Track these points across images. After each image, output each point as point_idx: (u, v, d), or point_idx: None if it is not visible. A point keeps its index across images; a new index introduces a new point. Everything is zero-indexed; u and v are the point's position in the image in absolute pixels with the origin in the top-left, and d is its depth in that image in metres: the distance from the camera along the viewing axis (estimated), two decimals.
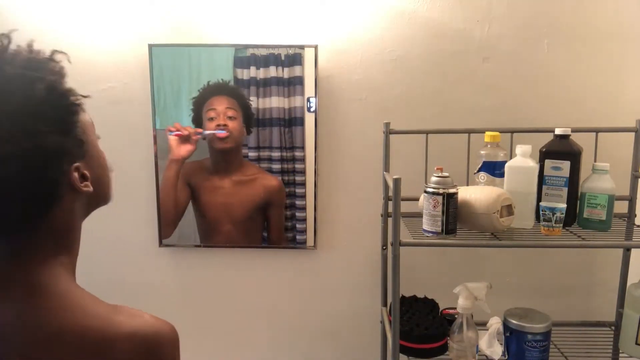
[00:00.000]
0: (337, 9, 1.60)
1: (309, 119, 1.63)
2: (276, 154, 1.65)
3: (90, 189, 0.67)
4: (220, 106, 1.63)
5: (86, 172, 0.67)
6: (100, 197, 0.72)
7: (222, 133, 1.63)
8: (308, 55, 1.60)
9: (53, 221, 0.65)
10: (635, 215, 1.50)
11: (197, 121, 1.64)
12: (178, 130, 1.63)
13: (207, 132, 1.63)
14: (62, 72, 0.64)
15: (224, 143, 1.64)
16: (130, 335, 0.62)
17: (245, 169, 1.67)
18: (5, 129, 0.56)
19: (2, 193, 0.58)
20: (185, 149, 1.65)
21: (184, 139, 1.64)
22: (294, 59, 1.60)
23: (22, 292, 0.62)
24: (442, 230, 1.24)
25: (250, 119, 1.63)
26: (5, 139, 0.56)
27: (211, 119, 1.63)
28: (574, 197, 1.34)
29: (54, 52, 0.64)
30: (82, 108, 0.66)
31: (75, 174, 0.65)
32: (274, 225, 1.70)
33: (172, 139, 1.64)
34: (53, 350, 0.60)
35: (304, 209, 1.69)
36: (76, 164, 0.64)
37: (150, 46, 1.62)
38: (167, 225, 1.71)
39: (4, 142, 0.55)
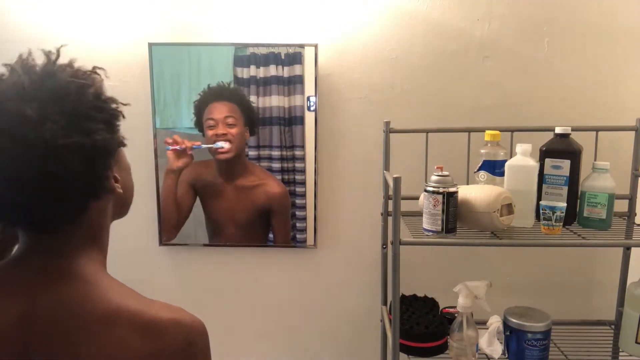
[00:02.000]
0: (337, 7, 1.60)
1: (309, 118, 1.63)
2: (276, 153, 1.65)
3: (122, 191, 0.72)
4: (219, 114, 1.62)
5: (117, 175, 0.71)
6: (125, 202, 0.78)
7: (222, 148, 1.62)
8: (308, 54, 1.59)
9: (89, 219, 0.69)
10: (636, 214, 1.50)
11: (200, 125, 1.63)
12: (176, 143, 1.63)
13: (205, 146, 1.63)
14: (102, 84, 0.70)
15: (225, 154, 1.64)
16: (175, 323, 0.66)
17: (249, 174, 1.67)
18: (64, 126, 0.60)
19: (62, 184, 0.62)
20: (182, 161, 1.65)
21: (181, 152, 1.64)
22: (294, 57, 1.60)
23: (68, 282, 0.65)
24: (442, 229, 1.24)
25: (254, 121, 1.63)
26: (65, 135, 0.60)
27: (210, 127, 1.63)
28: (574, 196, 1.34)
29: (95, 67, 0.70)
30: (122, 114, 0.70)
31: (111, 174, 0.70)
32: (279, 233, 1.70)
33: (169, 151, 1.64)
34: (108, 334, 0.63)
35: (304, 207, 1.69)
36: (113, 166, 0.70)
37: (150, 45, 1.62)
38: (169, 230, 1.72)
39: (63, 137, 0.60)
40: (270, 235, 1.71)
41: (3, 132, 0.59)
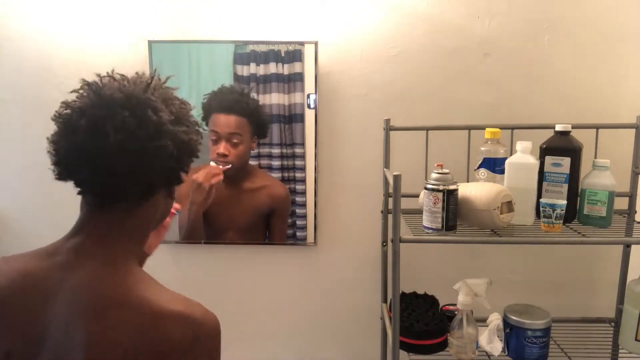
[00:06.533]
0: (337, 5, 1.59)
1: (309, 116, 1.63)
2: (276, 151, 1.65)
3: (174, 201, 0.87)
4: (224, 129, 1.59)
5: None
6: (165, 215, 0.87)
7: (221, 173, 1.58)
8: (308, 51, 1.59)
9: (143, 212, 0.79)
10: (636, 212, 1.50)
11: (207, 120, 1.61)
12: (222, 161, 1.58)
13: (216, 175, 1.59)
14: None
15: (226, 172, 1.61)
16: (183, 315, 0.70)
17: (253, 177, 1.66)
18: (172, 121, 0.76)
19: (154, 160, 0.74)
20: (217, 179, 1.60)
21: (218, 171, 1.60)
22: (294, 55, 1.59)
23: (98, 263, 0.73)
24: (442, 226, 1.24)
25: (265, 131, 1.61)
26: (171, 124, 0.75)
27: (213, 142, 1.59)
28: (574, 193, 1.34)
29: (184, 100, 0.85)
30: (200, 140, 0.83)
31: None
32: (276, 232, 1.70)
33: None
34: (115, 315, 0.69)
35: (304, 205, 1.69)
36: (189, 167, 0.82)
37: (150, 42, 1.61)
38: (198, 238, 1.70)
39: (171, 125, 0.75)
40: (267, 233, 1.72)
41: (128, 108, 0.72)
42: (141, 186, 0.76)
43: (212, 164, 1.60)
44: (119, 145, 0.71)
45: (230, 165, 1.60)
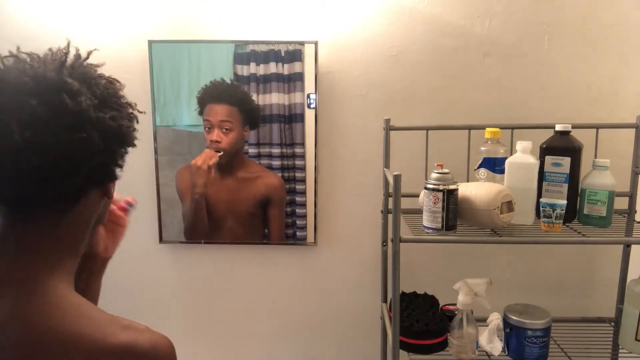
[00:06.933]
0: (337, 5, 1.59)
1: (309, 116, 1.63)
2: (276, 151, 1.65)
3: (112, 198, 0.74)
4: (216, 117, 1.63)
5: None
6: (99, 221, 0.76)
7: (217, 155, 1.64)
8: (308, 51, 1.59)
9: (72, 219, 0.67)
10: (636, 212, 1.50)
11: (202, 114, 1.65)
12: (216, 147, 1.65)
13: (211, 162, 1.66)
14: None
15: (220, 159, 1.65)
16: (125, 348, 0.60)
17: (248, 167, 1.67)
18: (96, 105, 0.64)
19: (79, 156, 0.62)
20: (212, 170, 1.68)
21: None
22: (294, 55, 1.59)
23: (19, 291, 0.61)
24: (442, 226, 1.24)
25: (256, 120, 1.63)
26: (96, 111, 0.63)
27: (207, 130, 1.64)
28: (575, 193, 1.34)
29: (113, 78, 0.73)
30: (137, 119, 0.73)
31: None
32: (274, 224, 1.70)
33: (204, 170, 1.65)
34: (40, 354, 0.58)
35: (304, 205, 1.69)
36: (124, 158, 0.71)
37: (150, 42, 1.61)
38: (202, 234, 1.73)
39: (95, 112, 0.63)
40: (265, 231, 1.72)
41: (37, 94, 0.60)
42: (64, 190, 0.63)
43: (207, 150, 1.66)
44: (28, 143, 0.58)
45: (222, 152, 1.64)
